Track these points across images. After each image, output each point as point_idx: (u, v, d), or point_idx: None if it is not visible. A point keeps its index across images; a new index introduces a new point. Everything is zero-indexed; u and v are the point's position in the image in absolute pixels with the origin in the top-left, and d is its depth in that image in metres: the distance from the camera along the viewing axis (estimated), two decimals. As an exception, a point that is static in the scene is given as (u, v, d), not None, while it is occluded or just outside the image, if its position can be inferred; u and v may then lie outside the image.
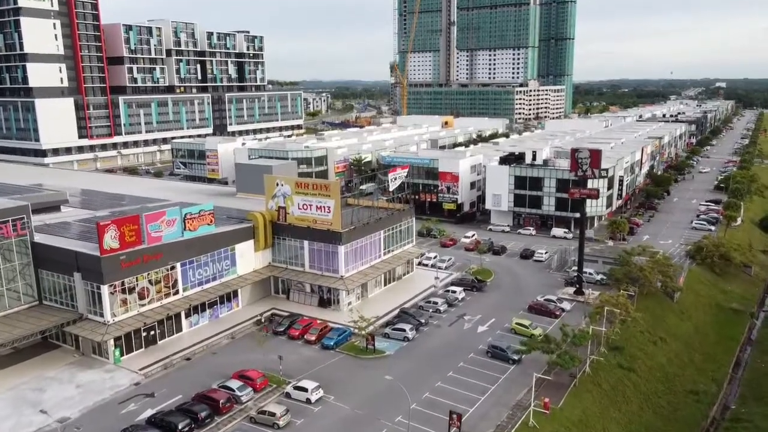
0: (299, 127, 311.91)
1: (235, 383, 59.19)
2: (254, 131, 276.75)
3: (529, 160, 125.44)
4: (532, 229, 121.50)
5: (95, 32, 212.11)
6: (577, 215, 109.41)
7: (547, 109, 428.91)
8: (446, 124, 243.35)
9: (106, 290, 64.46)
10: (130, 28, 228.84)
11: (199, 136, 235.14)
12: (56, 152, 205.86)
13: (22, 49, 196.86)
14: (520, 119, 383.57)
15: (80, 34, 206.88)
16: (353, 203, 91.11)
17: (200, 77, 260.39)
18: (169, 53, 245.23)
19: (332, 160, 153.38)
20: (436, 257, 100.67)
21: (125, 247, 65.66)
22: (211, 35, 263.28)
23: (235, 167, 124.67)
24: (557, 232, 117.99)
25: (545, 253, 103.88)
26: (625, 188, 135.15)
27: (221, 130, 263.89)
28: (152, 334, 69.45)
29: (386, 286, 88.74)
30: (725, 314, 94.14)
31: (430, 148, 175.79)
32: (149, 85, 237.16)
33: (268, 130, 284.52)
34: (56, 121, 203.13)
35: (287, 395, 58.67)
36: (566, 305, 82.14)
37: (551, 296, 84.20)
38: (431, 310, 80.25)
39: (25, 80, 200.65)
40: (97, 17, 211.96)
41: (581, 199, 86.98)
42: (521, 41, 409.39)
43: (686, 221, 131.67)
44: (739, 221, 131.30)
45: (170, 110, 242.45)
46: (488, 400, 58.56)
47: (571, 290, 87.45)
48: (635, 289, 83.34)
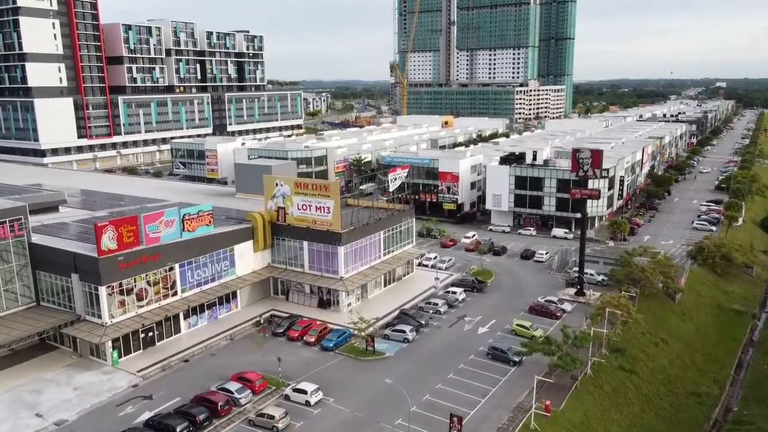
0: (299, 127, 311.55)
1: (233, 385, 58.77)
2: (254, 131, 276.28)
3: (529, 160, 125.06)
4: (532, 229, 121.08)
5: (94, 32, 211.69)
6: (577, 215, 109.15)
7: (547, 108, 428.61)
8: (446, 124, 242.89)
9: (103, 291, 64.06)
10: (129, 27, 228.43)
11: (198, 136, 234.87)
12: (55, 152, 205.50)
13: (21, 48, 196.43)
14: (520, 119, 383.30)
15: (79, 33, 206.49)
16: (353, 203, 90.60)
17: (200, 77, 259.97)
18: (168, 53, 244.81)
19: (332, 160, 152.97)
20: (436, 258, 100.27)
21: (123, 248, 65.24)
22: (210, 35, 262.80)
23: (234, 167, 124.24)
24: (558, 232, 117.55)
25: (546, 253, 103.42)
26: (625, 188, 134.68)
27: (221, 130, 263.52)
28: (150, 335, 69.01)
29: (386, 287, 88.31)
30: (727, 315, 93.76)
31: (430, 148, 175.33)
32: (149, 84, 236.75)
33: (267, 130, 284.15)
34: (55, 121, 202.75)
35: (286, 397, 58.24)
36: (567, 306, 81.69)
37: (552, 297, 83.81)
38: (431, 311, 79.78)
39: (24, 80, 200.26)
40: (96, 17, 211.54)
41: (582, 199, 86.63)
42: (521, 41, 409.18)
43: (687, 221, 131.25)
44: (740, 221, 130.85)
45: (170, 110, 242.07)
46: (489, 402, 58.15)
47: (572, 291, 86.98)
48: (636, 290, 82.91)
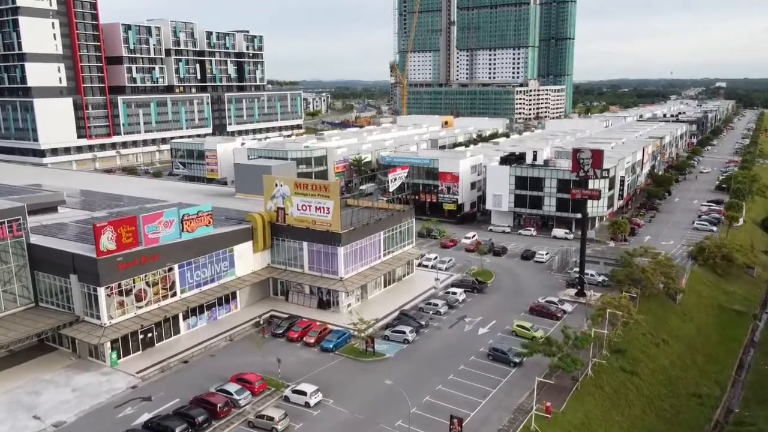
0: (299, 127, 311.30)
1: (233, 387, 58.52)
2: (254, 131, 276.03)
3: (529, 160, 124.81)
4: (532, 229, 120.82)
5: (94, 32, 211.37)
6: (578, 216, 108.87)
7: (547, 108, 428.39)
8: (446, 124, 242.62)
9: (102, 292, 63.80)
10: (129, 27, 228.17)
11: (198, 136, 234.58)
12: (55, 152, 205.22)
13: (20, 48, 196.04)
14: (520, 119, 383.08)
15: (79, 33, 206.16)
16: (353, 204, 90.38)
17: (199, 77, 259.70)
18: (168, 53, 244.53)
19: (332, 160, 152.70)
20: (436, 258, 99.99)
21: (122, 248, 64.97)
22: (210, 35, 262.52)
23: (234, 167, 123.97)
24: (558, 232, 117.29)
25: (546, 254, 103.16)
26: (626, 188, 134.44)
27: (221, 130, 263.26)
28: (149, 336, 68.74)
29: (386, 287, 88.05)
30: (728, 316, 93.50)
31: (430, 148, 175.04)
32: (148, 84, 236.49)
33: (267, 130, 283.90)
34: (55, 121, 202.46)
35: (286, 399, 57.98)
36: (568, 307, 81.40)
37: (552, 298, 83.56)
38: (431, 311, 79.50)
39: (23, 80, 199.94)
40: (96, 17, 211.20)
41: (583, 199, 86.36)
42: (521, 41, 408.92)
43: (688, 222, 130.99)
44: (740, 222, 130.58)
45: (169, 110, 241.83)
46: (489, 403, 57.89)
47: (572, 292, 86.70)
48: (637, 290, 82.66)
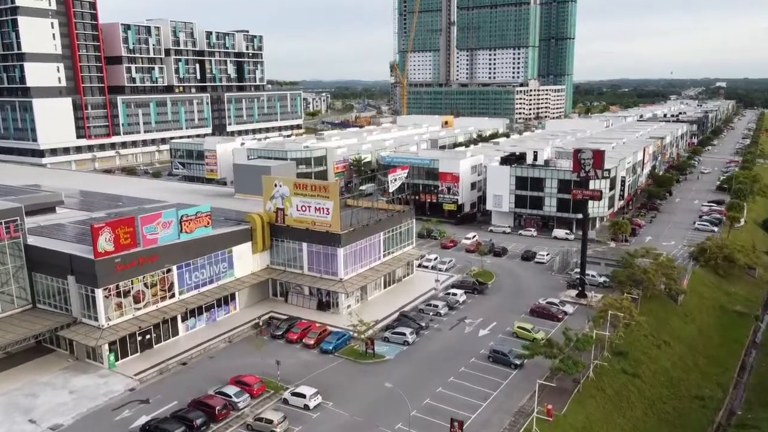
0: (299, 127, 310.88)
1: (231, 389, 58.05)
2: (253, 131, 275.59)
3: (530, 160, 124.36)
4: (533, 230, 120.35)
5: (93, 32, 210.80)
6: (578, 216, 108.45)
7: (547, 108, 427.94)
8: (446, 124, 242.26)
9: (100, 294, 63.34)
10: (128, 27, 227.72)
11: (198, 136, 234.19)
12: (54, 152, 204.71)
13: (19, 48, 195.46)
14: (520, 119, 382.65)
15: (78, 33, 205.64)
16: (353, 204, 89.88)
17: (199, 77, 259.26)
18: (167, 53, 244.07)
19: (332, 160, 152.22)
20: (436, 259, 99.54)
21: (120, 249, 64.51)
22: (210, 35, 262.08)
23: (233, 168, 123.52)
24: (559, 233, 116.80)
25: (547, 254, 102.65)
26: (627, 189, 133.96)
27: (220, 130, 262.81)
28: (148, 338, 68.27)
29: (386, 288, 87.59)
30: (729, 317, 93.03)
31: (430, 148, 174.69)
32: (148, 84, 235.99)
33: (267, 130, 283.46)
34: (54, 121, 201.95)
35: (285, 401, 57.51)
36: (569, 308, 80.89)
37: (553, 299, 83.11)
38: (431, 313, 79.02)
39: (22, 80, 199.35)
40: (95, 17, 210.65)
41: (583, 200, 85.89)
42: (521, 41, 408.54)
43: (689, 222, 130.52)
44: (742, 222, 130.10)
45: (169, 110, 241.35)
46: (490, 406, 57.43)
47: (573, 293, 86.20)
48: (639, 291, 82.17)
